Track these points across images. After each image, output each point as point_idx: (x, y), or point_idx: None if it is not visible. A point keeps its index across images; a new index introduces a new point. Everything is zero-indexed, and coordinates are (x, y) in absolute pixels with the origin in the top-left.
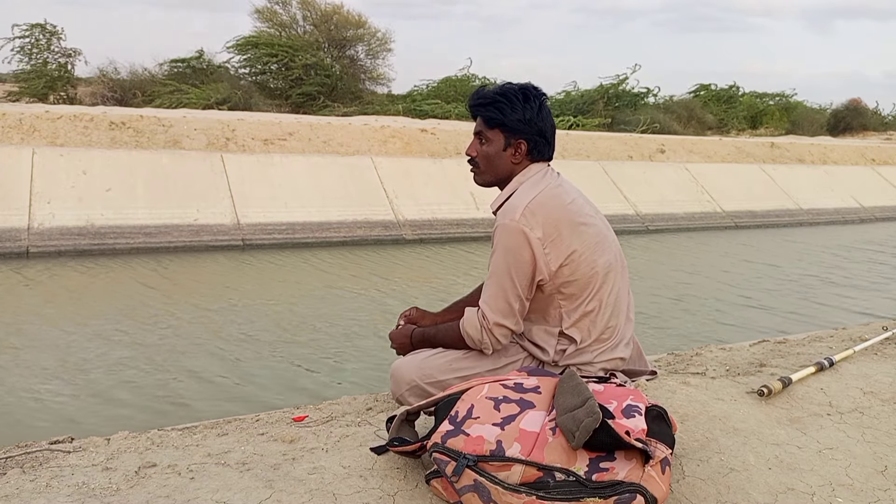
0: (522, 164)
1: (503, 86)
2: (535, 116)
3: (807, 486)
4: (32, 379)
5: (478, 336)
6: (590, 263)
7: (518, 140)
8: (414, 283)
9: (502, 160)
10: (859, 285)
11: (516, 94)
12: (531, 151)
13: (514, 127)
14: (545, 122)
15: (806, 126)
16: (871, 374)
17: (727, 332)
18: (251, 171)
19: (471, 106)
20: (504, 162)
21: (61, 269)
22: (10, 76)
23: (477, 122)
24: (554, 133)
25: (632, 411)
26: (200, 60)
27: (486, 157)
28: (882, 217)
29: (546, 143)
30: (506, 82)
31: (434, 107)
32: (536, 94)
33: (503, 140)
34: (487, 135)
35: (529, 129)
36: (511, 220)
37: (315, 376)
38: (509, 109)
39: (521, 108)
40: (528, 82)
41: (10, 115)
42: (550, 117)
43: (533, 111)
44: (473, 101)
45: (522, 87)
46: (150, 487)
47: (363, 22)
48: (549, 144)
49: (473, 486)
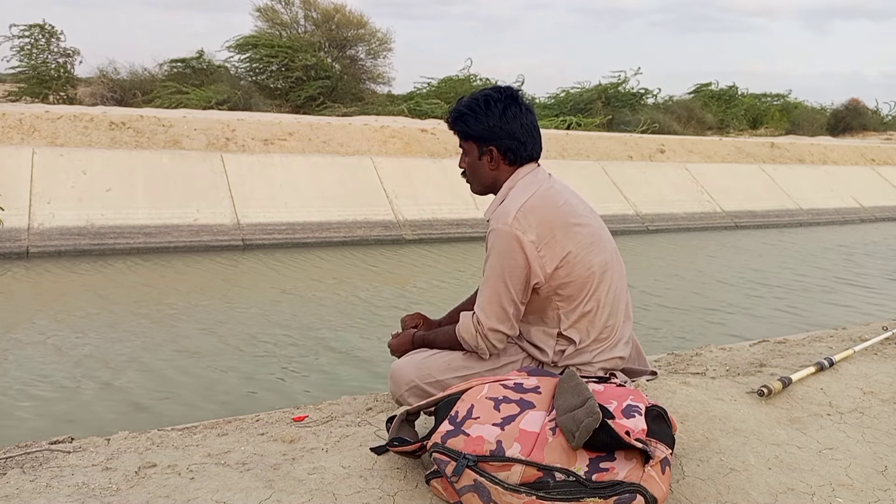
0: (503, 169)
1: (472, 94)
2: (498, 121)
3: (807, 486)
4: (32, 379)
5: (473, 341)
6: (585, 264)
7: (488, 146)
8: (414, 283)
9: (482, 169)
10: (859, 285)
11: (479, 102)
12: (505, 155)
13: (480, 135)
14: (512, 124)
15: (806, 126)
16: (871, 374)
17: (727, 332)
18: (251, 171)
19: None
20: (484, 170)
21: (61, 270)
22: (9, 76)
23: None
24: (531, 131)
25: (632, 411)
26: (200, 60)
27: (470, 168)
28: (882, 217)
29: (519, 143)
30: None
31: (434, 107)
32: (498, 98)
33: (476, 150)
34: (464, 147)
35: (496, 135)
36: (504, 225)
37: (315, 376)
38: (472, 120)
39: (483, 116)
40: (495, 86)
41: (10, 115)
42: (522, 117)
43: (495, 116)
44: (449, 118)
45: (486, 94)
46: (150, 487)
47: (364, 22)
48: (523, 144)
49: (473, 486)
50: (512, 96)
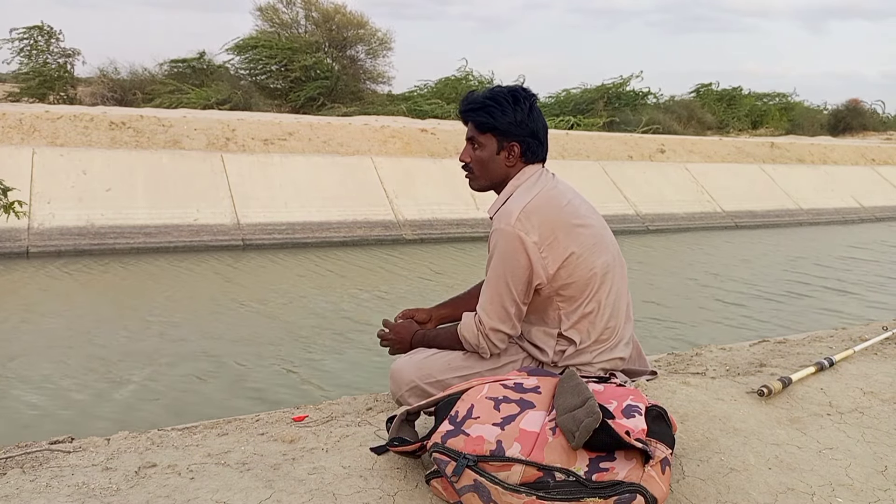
0: (516, 166)
1: (493, 89)
2: (525, 118)
3: (807, 486)
4: (32, 379)
5: (475, 341)
6: (588, 265)
7: (511, 143)
8: (414, 283)
9: (496, 164)
10: (859, 285)
11: (506, 96)
12: (525, 153)
13: (505, 130)
14: (536, 123)
15: (806, 126)
16: (871, 374)
17: (727, 331)
18: (251, 171)
19: (462, 112)
20: (498, 166)
21: (61, 270)
22: (10, 76)
23: (469, 127)
24: (546, 133)
25: (632, 411)
26: (200, 60)
27: (480, 162)
28: (882, 217)
29: (539, 143)
30: (495, 85)
31: (434, 107)
32: (526, 96)
33: (496, 144)
34: (480, 139)
35: (521, 131)
36: (507, 225)
37: (315, 376)
38: (500, 113)
39: (511, 110)
40: (517, 84)
41: (10, 115)
42: (541, 118)
43: (524, 113)
44: (464, 106)
45: (512, 90)
46: (150, 487)
47: (364, 22)
48: (542, 145)
49: (473, 486)
50: (535, 97)
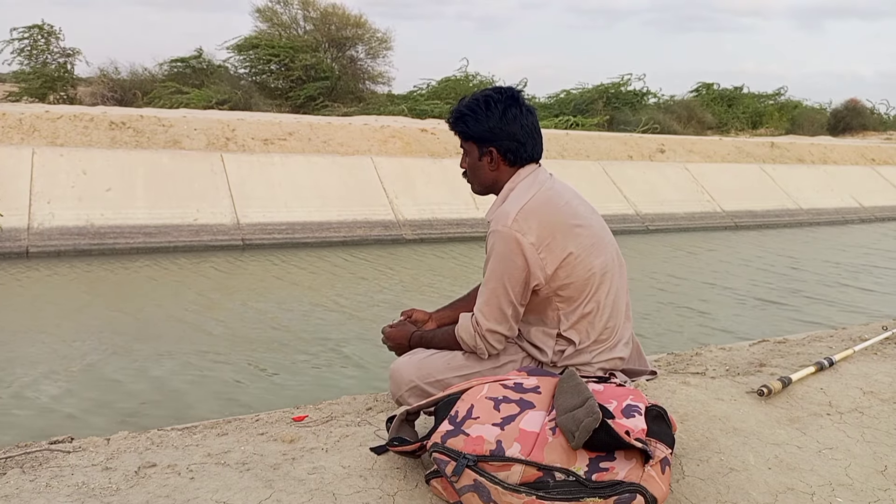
0: (503, 170)
1: (473, 95)
2: (498, 122)
3: (807, 486)
4: (32, 379)
5: (472, 342)
6: (586, 265)
7: (488, 148)
8: (414, 283)
9: (482, 170)
10: (859, 285)
11: (480, 103)
12: (505, 156)
13: (480, 136)
14: (513, 125)
15: (806, 126)
16: (870, 373)
17: (727, 331)
18: (251, 170)
19: (448, 124)
20: (484, 171)
21: (61, 270)
22: (10, 76)
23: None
24: (531, 133)
25: (632, 411)
26: (200, 60)
27: (471, 169)
28: (882, 217)
29: (519, 144)
30: (485, 88)
31: (434, 107)
32: (499, 99)
33: (477, 150)
34: (465, 147)
35: (496, 136)
36: (503, 227)
37: (314, 376)
38: (472, 121)
39: (484, 117)
40: (496, 86)
41: (10, 115)
42: (523, 118)
43: (495, 118)
44: (450, 118)
45: (486, 95)
46: (150, 487)
47: (363, 22)
48: (523, 145)
49: (473, 486)
50: (512, 97)
